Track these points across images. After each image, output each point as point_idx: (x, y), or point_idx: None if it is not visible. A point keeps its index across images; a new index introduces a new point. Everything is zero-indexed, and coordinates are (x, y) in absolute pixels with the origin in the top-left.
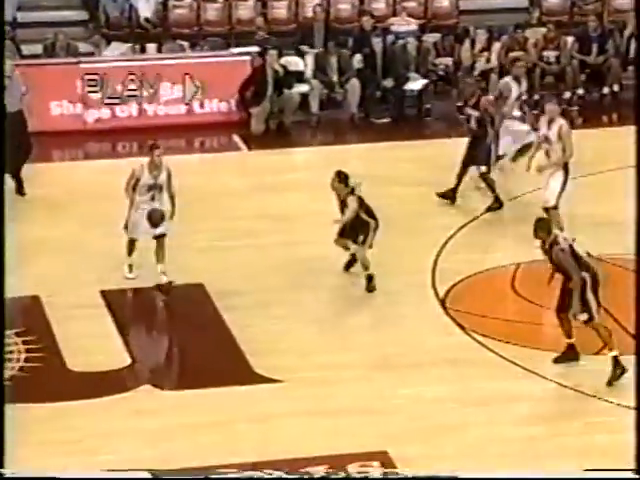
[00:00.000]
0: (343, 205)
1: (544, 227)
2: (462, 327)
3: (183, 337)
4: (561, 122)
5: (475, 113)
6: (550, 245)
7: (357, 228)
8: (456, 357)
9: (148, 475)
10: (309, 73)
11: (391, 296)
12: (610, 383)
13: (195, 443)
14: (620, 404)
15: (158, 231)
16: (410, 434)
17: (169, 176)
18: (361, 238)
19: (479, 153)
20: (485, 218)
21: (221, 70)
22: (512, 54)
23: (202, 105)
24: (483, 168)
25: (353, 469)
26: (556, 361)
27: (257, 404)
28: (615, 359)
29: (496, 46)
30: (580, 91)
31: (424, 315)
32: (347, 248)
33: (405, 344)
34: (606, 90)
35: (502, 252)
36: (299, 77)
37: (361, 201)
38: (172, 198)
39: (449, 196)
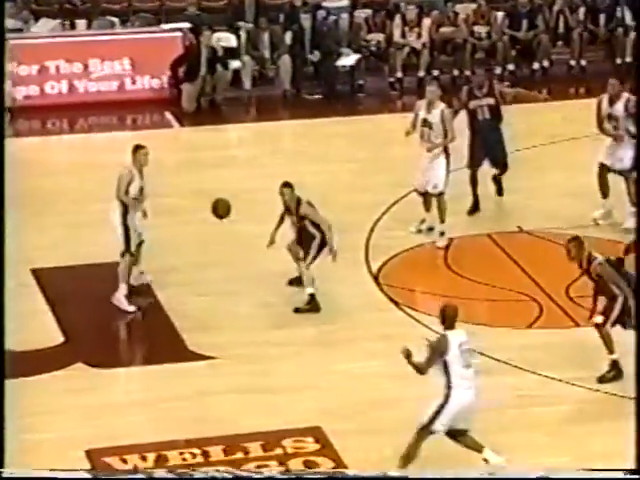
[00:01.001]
0: (289, 212)
1: (577, 245)
2: (396, 303)
3: (115, 315)
4: (442, 106)
5: (490, 101)
6: (588, 261)
7: (303, 241)
8: (390, 333)
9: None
10: (241, 50)
11: (325, 272)
12: (601, 381)
13: (130, 421)
14: (554, 378)
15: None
16: (344, 409)
17: None
18: (301, 254)
19: (494, 149)
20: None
21: (152, 46)
22: (442, 29)
23: (133, 82)
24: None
25: (287, 444)
26: (600, 381)
27: (191, 381)
28: (614, 362)
29: (426, 22)
30: (511, 67)
31: (358, 291)
32: (297, 258)
33: (339, 320)
34: (536, 66)
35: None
36: (231, 53)
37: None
38: None
39: (475, 208)
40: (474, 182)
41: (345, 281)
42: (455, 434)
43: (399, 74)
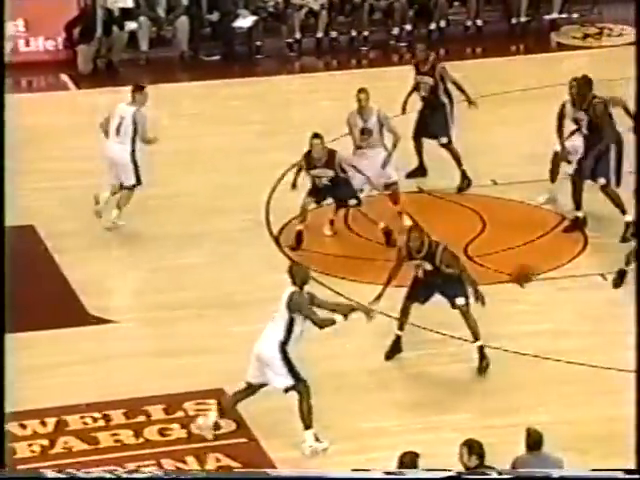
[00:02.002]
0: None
1: (418, 233)
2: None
3: (15, 280)
4: (376, 110)
5: (429, 81)
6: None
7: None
8: None
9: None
10: (138, 11)
11: (226, 234)
12: (480, 371)
13: (30, 386)
14: (453, 336)
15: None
16: (245, 371)
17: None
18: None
19: (434, 124)
20: None
21: (46, 7)
22: None
23: (27, 43)
24: (444, 139)
25: (189, 407)
26: None
27: (92, 345)
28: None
29: None
30: (408, 27)
31: (259, 253)
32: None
33: (241, 282)
34: (433, 26)
35: None
36: (127, 14)
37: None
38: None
39: (419, 174)
40: (418, 151)
41: (246, 243)
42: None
43: (297, 35)
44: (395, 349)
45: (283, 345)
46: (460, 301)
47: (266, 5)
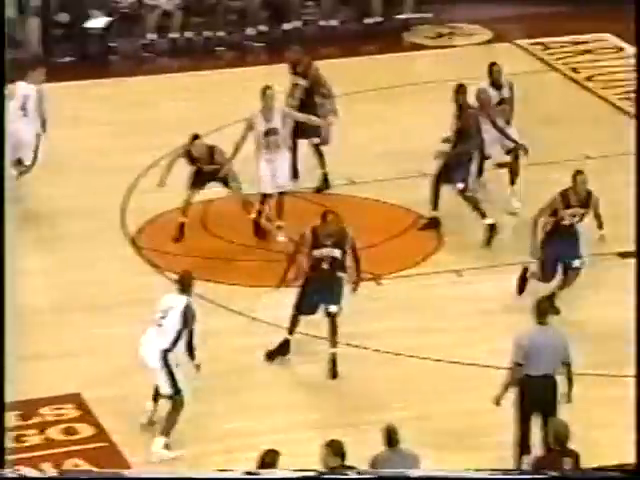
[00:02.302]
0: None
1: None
2: (156, 266)
3: None
4: (279, 109)
5: (303, 83)
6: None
7: None
8: (151, 297)
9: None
10: None
11: (82, 237)
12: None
13: None
14: (314, 335)
15: None
16: (104, 375)
17: None
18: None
19: (310, 126)
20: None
21: None
22: None
23: None
24: (316, 140)
25: (46, 412)
26: None
27: None
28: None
29: None
30: (263, 27)
31: (116, 255)
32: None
33: (98, 285)
34: (288, 26)
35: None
36: None
37: None
38: None
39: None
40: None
41: (103, 245)
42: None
43: (152, 36)
44: (279, 351)
45: (166, 353)
46: (333, 309)
47: (119, 6)
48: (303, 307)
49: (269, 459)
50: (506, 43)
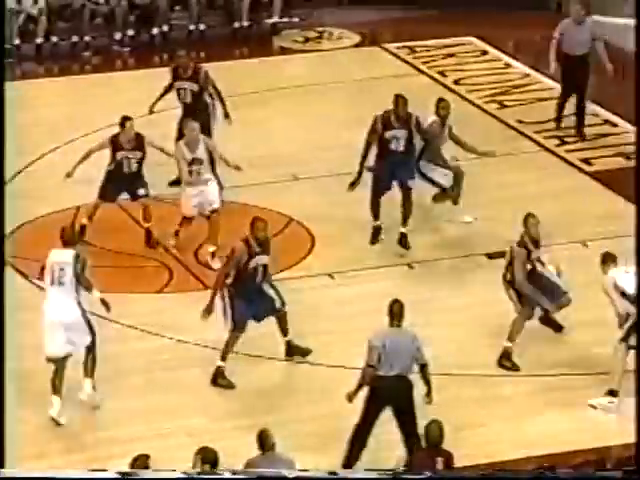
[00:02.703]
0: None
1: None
2: (24, 275)
3: None
4: (202, 139)
5: (194, 87)
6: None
7: None
8: (20, 305)
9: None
10: None
11: None
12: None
13: None
14: (182, 340)
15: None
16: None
17: None
18: None
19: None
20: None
21: None
22: None
23: None
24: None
25: None
26: None
27: None
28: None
29: None
30: (130, 32)
31: None
32: None
33: None
34: (155, 31)
35: (65, 196)
36: None
37: None
38: None
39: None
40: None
41: None
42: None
43: (16, 41)
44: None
45: (80, 303)
46: (283, 308)
47: None
48: (243, 323)
49: (140, 463)
50: (374, 47)
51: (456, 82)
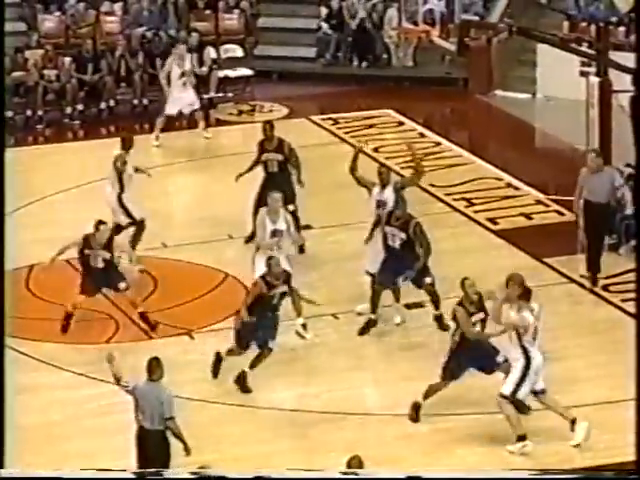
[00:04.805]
0: None
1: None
2: None
3: None
4: (285, 213)
5: (278, 157)
6: None
7: None
8: None
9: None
10: None
11: None
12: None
13: None
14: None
15: None
16: None
17: None
18: None
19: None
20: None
21: None
22: (14, 74)
23: None
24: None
25: None
26: None
27: None
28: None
29: None
30: (80, 107)
31: None
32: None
33: None
34: (103, 105)
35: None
36: None
37: None
38: None
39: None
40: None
41: None
42: None
43: None
44: None
45: None
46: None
47: None
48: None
49: (355, 463)
50: (301, 118)
51: (376, 150)
